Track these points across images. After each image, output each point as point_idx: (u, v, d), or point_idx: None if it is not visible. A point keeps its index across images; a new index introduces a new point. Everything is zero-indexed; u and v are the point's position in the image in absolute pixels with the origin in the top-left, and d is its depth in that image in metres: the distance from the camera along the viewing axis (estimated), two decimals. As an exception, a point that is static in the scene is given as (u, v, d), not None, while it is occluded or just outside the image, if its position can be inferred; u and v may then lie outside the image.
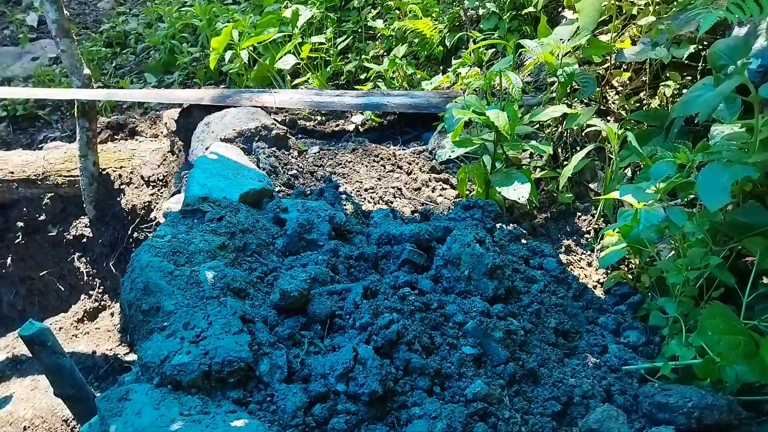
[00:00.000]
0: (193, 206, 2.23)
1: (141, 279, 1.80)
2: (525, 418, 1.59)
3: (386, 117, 3.64)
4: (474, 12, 3.69)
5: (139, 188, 3.90)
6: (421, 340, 1.69)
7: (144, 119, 4.50)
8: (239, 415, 1.46)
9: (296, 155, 3.14)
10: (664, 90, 2.59)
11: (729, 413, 1.55)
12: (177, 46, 5.03)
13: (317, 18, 4.23)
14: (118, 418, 1.45)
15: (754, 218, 1.79)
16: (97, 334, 3.87)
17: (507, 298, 1.96)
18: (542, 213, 2.75)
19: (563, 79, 2.56)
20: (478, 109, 2.44)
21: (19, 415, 3.26)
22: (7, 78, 5.37)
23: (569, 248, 2.55)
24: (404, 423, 1.52)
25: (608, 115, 2.80)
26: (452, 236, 2.03)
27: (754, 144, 1.72)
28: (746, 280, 1.75)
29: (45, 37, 5.92)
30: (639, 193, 1.86)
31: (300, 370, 1.62)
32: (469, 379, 1.64)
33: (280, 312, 1.79)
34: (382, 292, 1.88)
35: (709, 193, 1.63)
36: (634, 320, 2.04)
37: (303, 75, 4.05)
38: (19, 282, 4.27)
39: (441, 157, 2.62)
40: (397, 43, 3.94)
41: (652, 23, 2.61)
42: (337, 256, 2.08)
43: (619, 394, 1.71)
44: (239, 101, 3.47)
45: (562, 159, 2.83)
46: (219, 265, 1.89)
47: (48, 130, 4.94)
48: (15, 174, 3.90)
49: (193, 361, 1.52)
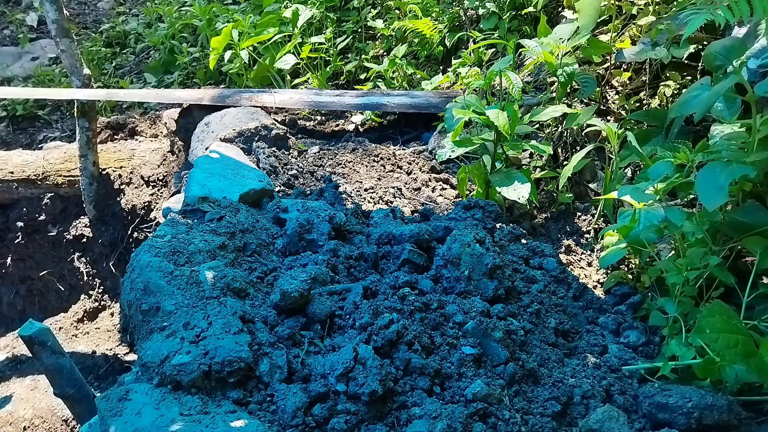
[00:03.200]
0: (193, 206, 2.23)
1: (141, 279, 1.80)
2: (525, 418, 1.59)
3: (386, 117, 3.64)
4: (474, 12, 3.69)
5: (139, 188, 3.90)
6: (421, 340, 1.70)
7: (144, 119, 4.50)
8: (239, 415, 1.46)
9: (296, 155, 3.14)
10: (664, 90, 2.59)
11: (729, 413, 1.55)
12: (177, 46, 5.03)
13: (317, 18, 4.23)
14: (118, 418, 1.45)
15: (754, 218, 1.79)
16: (97, 334, 3.88)
17: (507, 298, 1.96)
18: (542, 213, 2.75)
19: (563, 79, 2.56)
20: (478, 109, 2.44)
21: (19, 415, 3.26)
22: (7, 78, 5.37)
23: (569, 248, 2.55)
24: (404, 423, 1.52)
25: (608, 115, 2.80)
26: (452, 236, 2.03)
27: (753, 143, 1.73)
28: (746, 280, 1.75)
29: (45, 37, 5.92)
30: (638, 193, 1.86)
31: (300, 370, 1.62)
32: (469, 379, 1.64)
33: (280, 312, 1.79)
34: (382, 292, 1.88)
35: (707, 193, 1.63)
36: (634, 320, 2.04)
37: (303, 75, 4.05)
38: (19, 282, 4.27)
39: (441, 157, 2.63)
40: (397, 43, 3.94)
41: (652, 23, 2.61)
42: (337, 256, 2.08)
43: (619, 394, 1.71)
44: (239, 101, 3.47)
45: (562, 159, 2.83)
46: (219, 265, 1.89)
47: (48, 130, 4.94)
48: (15, 174, 3.90)
49: (193, 361, 1.52)
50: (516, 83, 2.51)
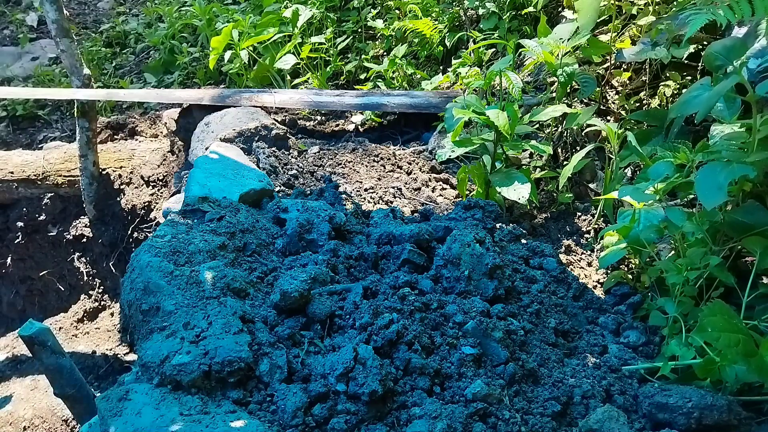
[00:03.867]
0: (193, 206, 2.23)
1: (141, 279, 1.80)
2: (525, 418, 1.59)
3: (386, 117, 3.64)
4: (474, 12, 3.69)
5: (139, 188, 3.90)
6: (421, 340, 1.70)
7: (144, 119, 4.50)
8: (239, 415, 1.46)
9: (296, 155, 3.14)
10: (664, 90, 2.59)
11: (729, 413, 1.55)
12: (177, 46, 5.03)
13: (317, 18, 4.23)
14: (118, 418, 1.45)
15: (754, 218, 1.79)
16: (97, 334, 3.87)
17: (507, 298, 1.96)
18: (542, 213, 2.75)
19: (563, 79, 2.56)
20: (478, 108, 2.44)
21: (19, 415, 3.26)
22: (7, 78, 5.37)
23: (569, 248, 2.55)
24: (404, 423, 1.52)
25: (608, 115, 2.80)
26: (452, 236, 2.03)
27: (753, 143, 1.73)
28: (746, 280, 1.75)
29: (45, 37, 5.92)
30: (638, 193, 1.86)
31: (300, 370, 1.62)
32: (469, 379, 1.64)
33: (280, 312, 1.79)
34: (382, 292, 1.88)
35: (707, 192, 1.63)
36: (634, 320, 2.04)
37: (303, 75, 4.05)
38: (19, 282, 4.27)
39: (441, 157, 2.62)
40: (397, 43, 3.94)
41: (652, 23, 2.61)
42: (337, 256, 2.08)
43: (618, 394, 1.71)
44: (239, 101, 3.47)
45: (562, 159, 2.83)
46: (219, 265, 1.89)
47: (48, 130, 4.94)
48: (15, 174, 3.90)
49: (193, 361, 1.52)
50: (516, 83, 2.51)
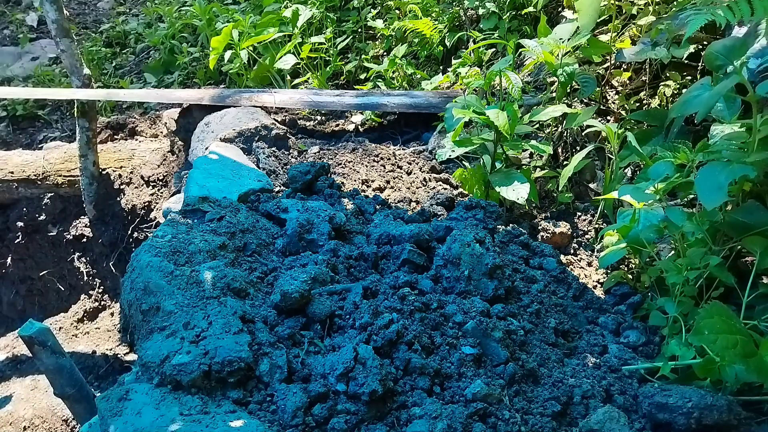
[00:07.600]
0: (193, 206, 2.23)
1: (141, 279, 1.80)
2: (525, 418, 1.59)
3: (386, 117, 3.64)
4: (474, 12, 3.69)
5: (139, 188, 3.90)
6: (421, 340, 1.70)
7: (144, 119, 4.50)
8: (239, 415, 1.46)
9: (296, 155, 3.14)
10: (664, 90, 2.60)
11: (729, 413, 1.55)
12: (177, 46, 5.03)
13: (317, 18, 4.23)
14: (118, 418, 1.45)
15: (754, 218, 1.79)
16: (97, 334, 3.87)
17: (507, 298, 1.96)
18: (542, 213, 2.75)
19: (563, 79, 2.56)
20: (478, 108, 2.44)
21: (19, 415, 3.26)
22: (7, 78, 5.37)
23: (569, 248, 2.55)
24: (404, 423, 1.52)
25: (608, 115, 2.80)
26: (452, 236, 2.03)
27: (753, 143, 1.73)
28: (746, 279, 1.75)
29: (45, 37, 5.92)
30: (638, 193, 1.86)
31: (300, 370, 1.62)
32: (468, 379, 1.64)
33: (280, 312, 1.79)
34: (382, 292, 1.88)
35: (707, 192, 1.63)
36: (634, 320, 2.04)
37: (303, 75, 4.05)
38: (19, 282, 4.27)
39: (441, 157, 2.62)
40: (397, 43, 3.94)
41: (652, 23, 2.61)
42: (337, 256, 2.08)
43: (618, 394, 1.71)
44: (239, 101, 3.47)
45: (562, 159, 2.83)
46: (219, 265, 1.89)
47: (48, 130, 4.94)
48: (15, 174, 3.90)
49: (193, 361, 1.53)
50: (516, 83, 2.51)
